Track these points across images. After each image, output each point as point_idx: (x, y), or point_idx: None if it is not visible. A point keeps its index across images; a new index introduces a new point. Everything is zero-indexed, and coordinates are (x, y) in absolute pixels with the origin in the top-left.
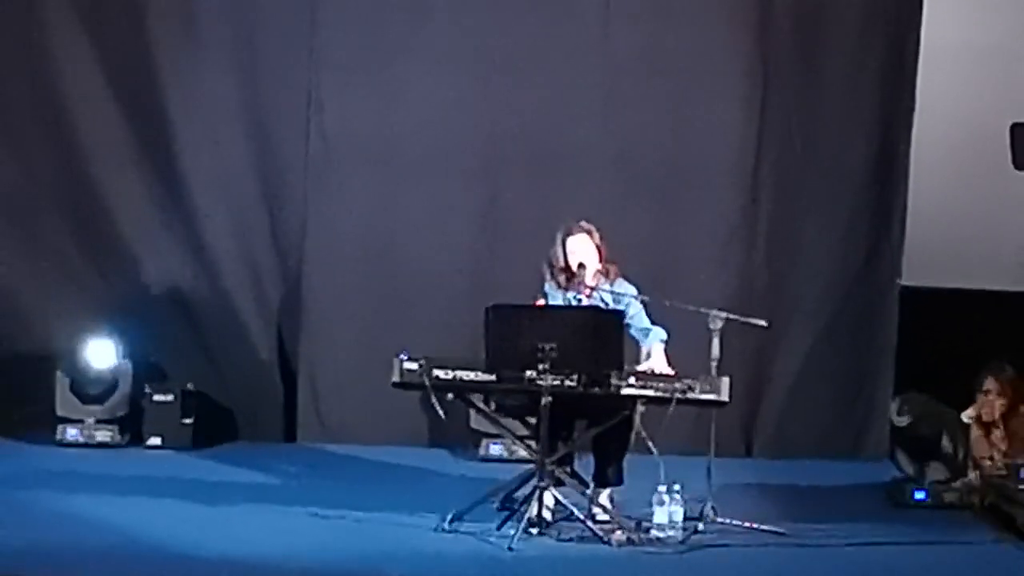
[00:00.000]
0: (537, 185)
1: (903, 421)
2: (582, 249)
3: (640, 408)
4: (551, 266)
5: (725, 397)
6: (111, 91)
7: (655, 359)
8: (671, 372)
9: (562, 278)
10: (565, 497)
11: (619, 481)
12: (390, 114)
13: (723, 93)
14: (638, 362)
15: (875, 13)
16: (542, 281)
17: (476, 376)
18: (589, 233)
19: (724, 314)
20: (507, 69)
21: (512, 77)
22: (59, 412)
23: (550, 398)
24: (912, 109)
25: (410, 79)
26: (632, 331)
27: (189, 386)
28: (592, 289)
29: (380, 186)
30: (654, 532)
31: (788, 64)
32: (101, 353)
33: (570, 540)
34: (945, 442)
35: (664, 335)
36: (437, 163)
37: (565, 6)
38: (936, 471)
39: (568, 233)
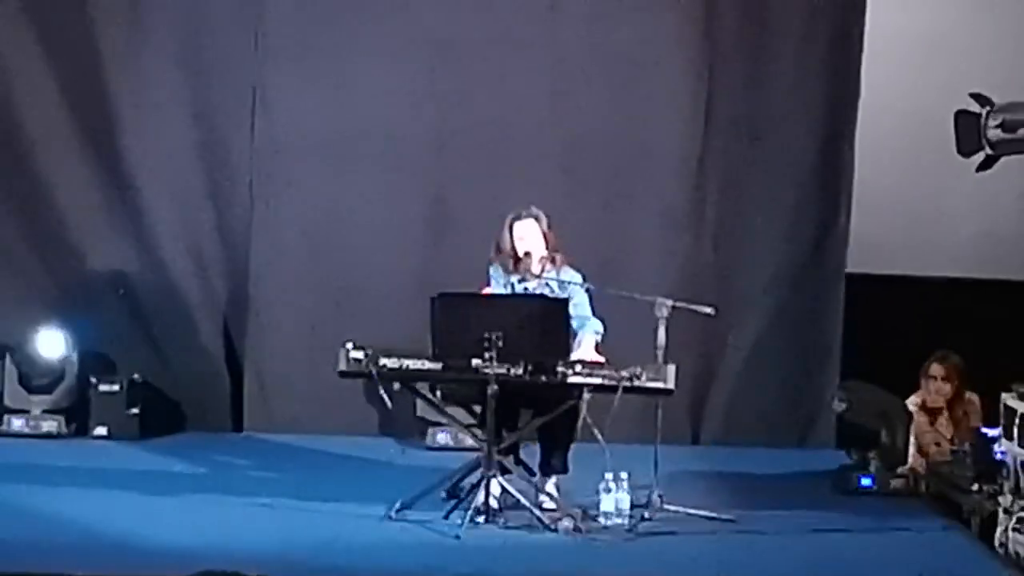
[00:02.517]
0: (484, 178)
1: (840, 407)
2: (529, 235)
3: (586, 396)
4: (499, 249)
5: (671, 385)
6: (56, 84)
7: (584, 348)
8: (600, 359)
9: (508, 262)
10: (512, 485)
11: (565, 469)
12: (337, 107)
13: (669, 84)
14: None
15: (820, 4)
16: (488, 263)
17: (422, 365)
18: (537, 219)
19: (670, 302)
20: (454, 63)
21: (459, 70)
22: (6, 403)
23: (496, 387)
24: (857, 97)
25: (357, 73)
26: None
27: (135, 376)
28: (538, 276)
29: (326, 179)
30: (601, 520)
31: (734, 54)
32: (50, 343)
33: (517, 528)
34: (883, 431)
35: (600, 327)
36: (384, 156)
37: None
38: (874, 460)
39: (516, 217)
